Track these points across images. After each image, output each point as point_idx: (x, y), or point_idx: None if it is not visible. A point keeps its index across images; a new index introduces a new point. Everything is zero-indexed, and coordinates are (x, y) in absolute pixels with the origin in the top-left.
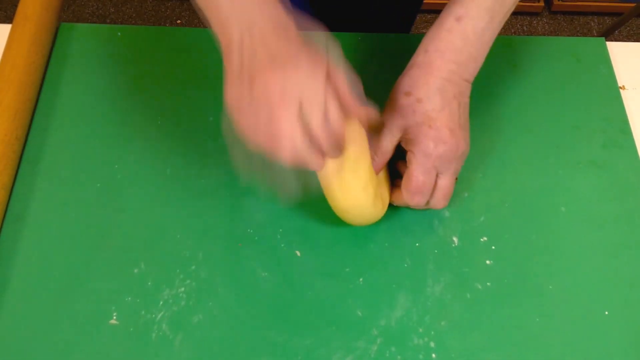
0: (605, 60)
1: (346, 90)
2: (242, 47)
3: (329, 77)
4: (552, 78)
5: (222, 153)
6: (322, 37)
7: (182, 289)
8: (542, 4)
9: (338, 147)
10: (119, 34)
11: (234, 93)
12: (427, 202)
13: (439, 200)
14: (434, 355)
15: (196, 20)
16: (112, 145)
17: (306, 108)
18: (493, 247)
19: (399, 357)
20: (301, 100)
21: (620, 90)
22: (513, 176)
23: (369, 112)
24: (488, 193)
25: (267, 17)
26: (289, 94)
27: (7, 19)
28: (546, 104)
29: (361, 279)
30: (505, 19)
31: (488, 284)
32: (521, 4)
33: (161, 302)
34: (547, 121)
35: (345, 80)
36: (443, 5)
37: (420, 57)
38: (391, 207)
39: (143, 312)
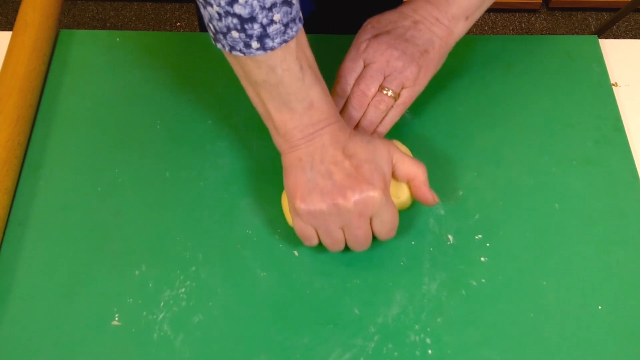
0: (597, 58)
1: (421, 182)
2: (314, 168)
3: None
4: (545, 76)
5: (220, 156)
6: (379, 144)
7: (183, 289)
8: (539, 0)
9: None
10: (118, 39)
11: (307, 207)
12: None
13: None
14: (430, 351)
15: (196, 22)
16: (112, 149)
17: (377, 223)
18: (488, 245)
19: (396, 353)
20: (373, 216)
21: (613, 87)
22: (507, 174)
23: (436, 199)
24: (482, 191)
25: (335, 140)
26: (368, 214)
27: (9, 23)
28: (539, 102)
29: (358, 278)
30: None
31: (483, 280)
32: (519, 0)
33: (162, 303)
34: (541, 119)
35: (418, 172)
36: None
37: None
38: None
39: (144, 313)
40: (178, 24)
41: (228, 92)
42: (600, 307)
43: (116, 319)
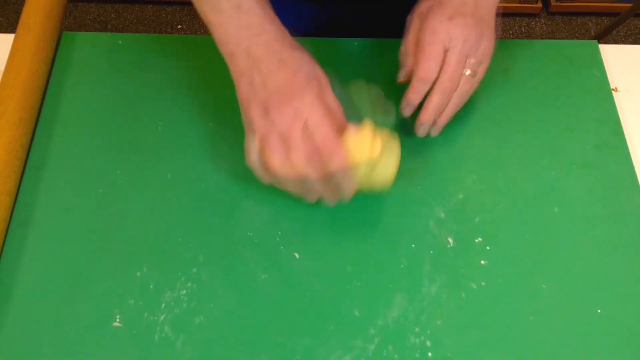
0: (597, 63)
1: (338, 113)
2: (252, 80)
3: (324, 101)
4: (545, 80)
5: (221, 158)
6: (318, 67)
7: (184, 291)
8: (540, 5)
9: (337, 156)
10: (120, 41)
11: (247, 116)
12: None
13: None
14: (430, 353)
15: (197, 25)
16: (113, 151)
17: (310, 128)
18: (488, 248)
19: (396, 356)
20: (307, 122)
21: (613, 92)
22: (507, 177)
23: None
24: (482, 194)
25: (271, 50)
26: (299, 118)
27: (10, 25)
28: (539, 106)
29: (358, 280)
30: None
31: (483, 283)
32: (519, 5)
33: (163, 305)
34: (541, 123)
35: (337, 105)
36: None
37: None
38: (388, 209)
39: (146, 315)
40: (179, 26)
41: (229, 94)
42: (599, 311)
43: (117, 320)
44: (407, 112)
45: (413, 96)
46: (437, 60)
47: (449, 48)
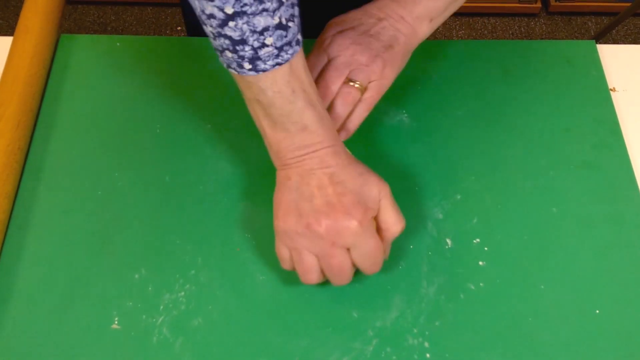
0: (595, 63)
1: (388, 236)
2: (299, 189)
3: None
4: (543, 81)
5: (219, 160)
6: (373, 177)
7: (182, 293)
8: (539, 5)
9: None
10: (118, 44)
11: (284, 225)
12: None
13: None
14: (428, 355)
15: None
16: (112, 153)
17: (357, 255)
18: (486, 249)
19: (394, 357)
20: (351, 248)
21: (611, 92)
22: (505, 178)
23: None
24: (480, 195)
25: (325, 165)
26: (342, 243)
27: (10, 28)
28: (537, 106)
29: (356, 282)
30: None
31: (481, 284)
32: (518, 5)
33: (162, 307)
34: (539, 123)
35: (392, 227)
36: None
37: None
38: None
39: (144, 317)
40: (179, 28)
41: (227, 96)
42: (598, 312)
43: (116, 322)
44: None
45: None
46: (316, 68)
47: (332, 58)
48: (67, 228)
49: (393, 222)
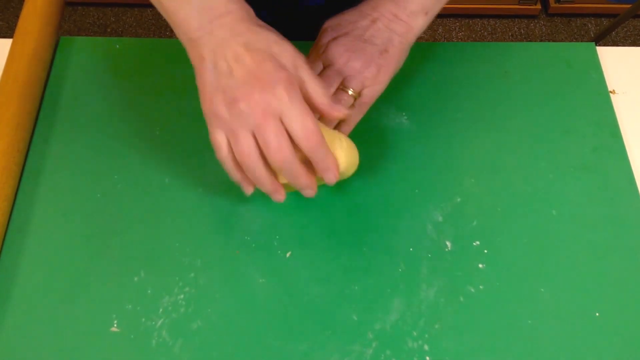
0: (595, 65)
1: (318, 97)
2: (217, 66)
3: (300, 88)
4: (543, 83)
5: (219, 162)
6: (288, 46)
7: (181, 296)
8: (539, 6)
9: (327, 158)
10: (118, 46)
11: (212, 108)
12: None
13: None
14: (428, 358)
15: None
16: (111, 156)
17: (287, 123)
18: (485, 251)
19: None
20: (281, 116)
21: (611, 94)
22: (505, 180)
23: (342, 110)
24: (480, 197)
25: (237, 33)
26: (272, 112)
27: (10, 29)
28: (537, 108)
29: (356, 284)
30: None
31: (481, 287)
32: (518, 6)
33: (161, 310)
34: (539, 126)
35: (316, 87)
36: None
37: None
38: (386, 213)
39: (143, 320)
40: None
41: None
42: (597, 314)
43: (115, 325)
44: None
45: None
46: None
47: (327, 65)
48: (67, 230)
49: (315, 83)
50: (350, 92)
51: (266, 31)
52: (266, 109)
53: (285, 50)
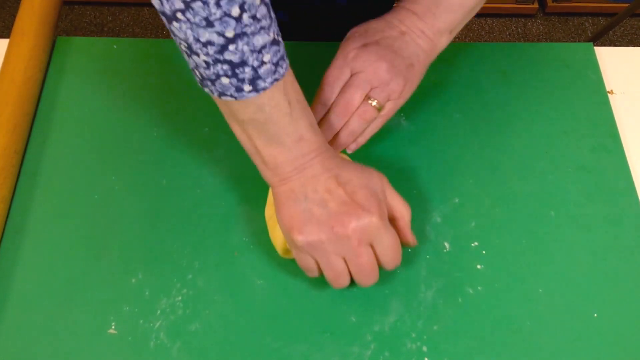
0: (593, 65)
1: (404, 222)
2: (308, 198)
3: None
4: (541, 83)
5: (217, 163)
6: (373, 172)
7: (179, 297)
8: (536, 5)
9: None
10: (115, 46)
11: (305, 237)
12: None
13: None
14: (426, 359)
15: None
16: (109, 157)
17: (379, 249)
18: (484, 252)
19: None
20: (373, 242)
21: (609, 94)
22: (503, 181)
23: (415, 241)
24: (478, 198)
25: (327, 169)
26: (367, 240)
27: (6, 29)
28: (535, 109)
29: (355, 286)
30: None
31: (479, 288)
32: (515, 5)
33: (159, 311)
34: (537, 126)
35: (404, 211)
36: None
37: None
38: None
39: (141, 321)
40: None
41: None
42: (595, 315)
43: (112, 327)
44: None
45: None
46: (338, 84)
47: (354, 74)
48: (64, 232)
49: (403, 206)
50: (374, 104)
51: (351, 163)
52: (362, 238)
53: (372, 177)
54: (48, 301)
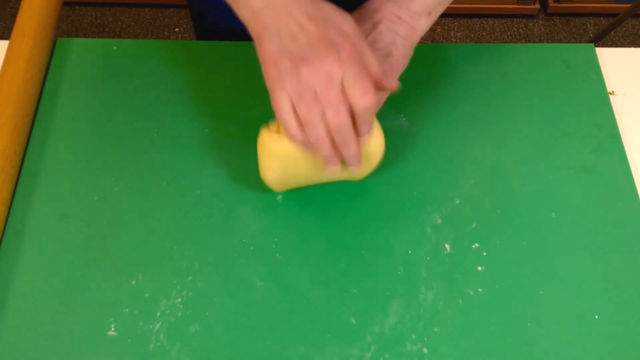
0: (594, 66)
1: (374, 67)
2: (280, 33)
3: (358, 56)
4: (542, 84)
5: (217, 165)
6: (347, 15)
7: (179, 299)
8: (537, 6)
9: (372, 122)
10: (115, 47)
11: (278, 70)
12: None
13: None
14: None
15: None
16: (109, 157)
17: (348, 84)
18: (484, 254)
19: None
20: (343, 78)
21: (610, 95)
22: (504, 183)
23: (394, 82)
24: (479, 200)
25: (299, 3)
26: (336, 75)
27: (7, 30)
28: (536, 110)
29: (355, 287)
30: None
31: (480, 290)
32: (517, 6)
33: (159, 313)
34: (538, 127)
35: (371, 58)
36: None
37: None
38: (385, 216)
39: (141, 323)
40: (177, 29)
41: (225, 100)
42: (597, 317)
43: (112, 329)
44: None
45: None
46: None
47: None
48: (64, 233)
49: (372, 55)
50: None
51: (326, 2)
52: (331, 71)
53: (345, 19)
54: (48, 303)
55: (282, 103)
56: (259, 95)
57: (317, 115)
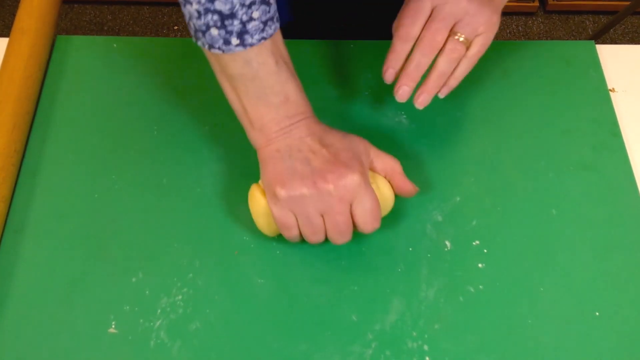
0: (594, 63)
1: (398, 173)
2: (292, 156)
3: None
4: (542, 82)
5: (217, 162)
6: (355, 137)
7: (180, 297)
8: (537, 3)
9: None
10: (115, 45)
11: (288, 192)
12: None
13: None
14: (427, 358)
15: None
16: (109, 156)
17: (356, 207)
18: (485, 251)
19: None
20: (353, 201)
21: (610, 92)
22: (504, 180)
23: (414, 187)
24: (480, 197)
25: (312, 132)
26: (348, 197)
27: (6, 27)
28: (536, 107)
29: (355, 285)
30: None
31: (480, 287)
32: (516, 4)
33: (159, 311)
34: (538, 125)
35: (395, 164)
36: None
37: None
38: (385, 215)
39: (141, 321)
40: (176, 27)
41: (225, 98)
42: (597, 314)
43: (113, 326)
44: (387, 76)
45: (391, 56)
46: (419, 17)
47: (436, 5)
48: (64, 231)
49: (392, 160)
50: (461, 39)
51: (334, 129)
52: (343, 195)
53: (354, 141)
54: (48, 300)
55: (289, 223)
56: None
57: (321, 235)
